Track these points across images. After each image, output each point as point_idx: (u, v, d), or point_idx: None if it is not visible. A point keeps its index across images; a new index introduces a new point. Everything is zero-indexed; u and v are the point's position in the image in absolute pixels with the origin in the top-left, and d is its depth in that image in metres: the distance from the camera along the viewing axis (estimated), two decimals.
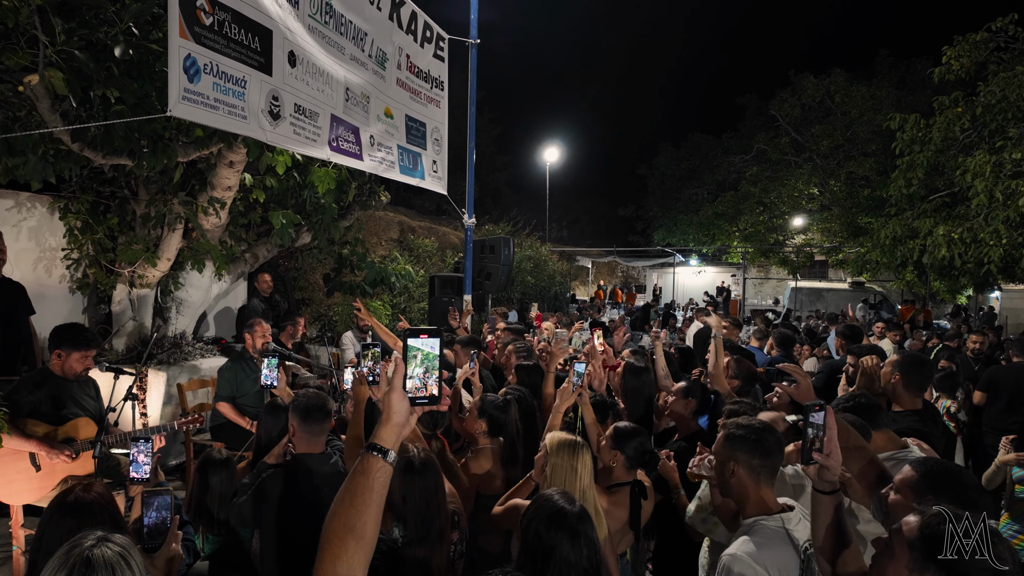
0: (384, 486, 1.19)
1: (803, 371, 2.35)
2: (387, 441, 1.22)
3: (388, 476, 1.21)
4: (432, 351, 1.31)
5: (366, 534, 1.15)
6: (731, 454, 1.99)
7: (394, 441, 1.24)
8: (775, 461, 1.98)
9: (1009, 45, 10.39)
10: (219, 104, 3.46)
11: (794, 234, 23.75)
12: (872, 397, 2.72)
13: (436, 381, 1.31)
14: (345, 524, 1.15)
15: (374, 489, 1.17)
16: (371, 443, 1.22)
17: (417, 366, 1.30)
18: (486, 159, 28.53)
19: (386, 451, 1.21)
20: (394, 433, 1.24)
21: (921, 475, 1.70)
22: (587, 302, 19.52)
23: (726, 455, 2.01)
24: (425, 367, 1.31)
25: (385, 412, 1.26)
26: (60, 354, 3.41)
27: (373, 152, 5.24)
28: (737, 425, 2.03)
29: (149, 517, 1.78)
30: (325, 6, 4.46)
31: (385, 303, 9.06)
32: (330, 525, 1.16)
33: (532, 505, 1.86)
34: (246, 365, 4.62)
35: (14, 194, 5.27)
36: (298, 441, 2.64)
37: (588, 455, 2.32)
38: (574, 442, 2.31)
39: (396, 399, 1.26)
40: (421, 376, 1.30)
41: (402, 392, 1.27)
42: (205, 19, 3.30)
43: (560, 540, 1.72)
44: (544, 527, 1.75)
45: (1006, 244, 9.31)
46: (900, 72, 22.51)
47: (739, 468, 1.97)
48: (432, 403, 1.31)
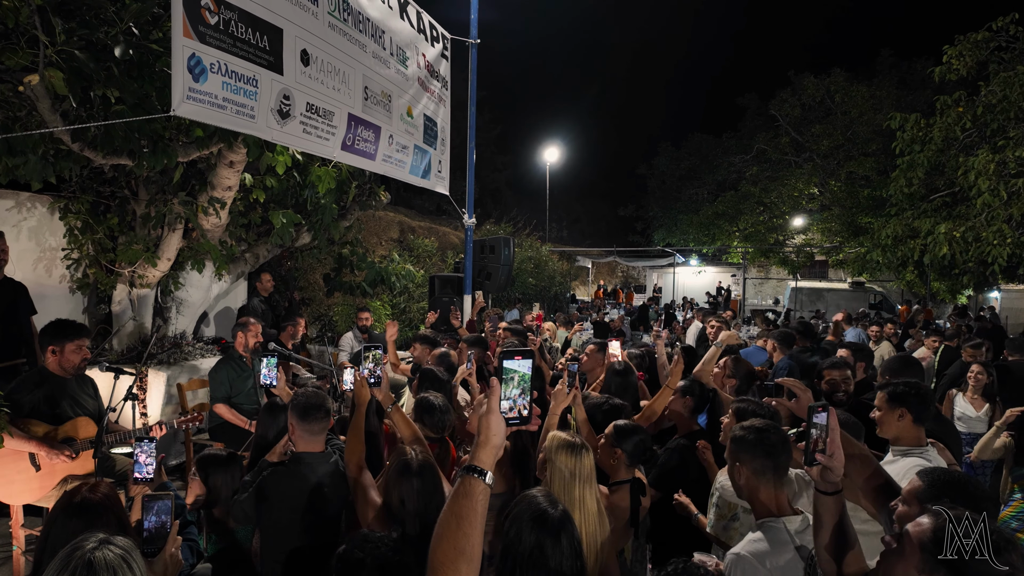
0: (485, 507, 1.21)
1: (803, 385, 2.34)
2: (486, 463, 1.23)
3: (488, 497, 1.22)
4: (526, 372, 1.34)
5: (475, 556, 1.17)
6: (736, 456, 2.03)
7: (492, 463, 1.25)
8: (779, 460, 1.98)
9: (1010, 45, 10.38)
10: (227, 103, 3.44)
11: (794, 234, 23.74)
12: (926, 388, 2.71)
13: (527, 402, 1.34)
14: (455, 547, 1.16)
15: (477, 511, 1.19)
16: (471, 465, 1.23)
17: (513, 388, 1.32)
18: (486, 159, 28.55)
19: (485, 473, 1.22)
20: (492, 455, 1.25)
21: (928, 485, 1.69)
22: (587, 302, 19.54)
23: (734, 458, 2.05)
24: (520, 388, 1.33)
25: (483, 434, 1.26)
26: (54, 349, 3.41)
27: (389, 152, 5.22)
28: (741, 427, 2.06)
29: (149, 521, 1.77)
30: (342, 3, 4.43)
31: (385, 303, 9.07)
32: (439, 548, 1.17)
33: (515, 505, 1.83)
34: (236, 364, 4.63)
35: (14, 194, 5.26)
36: (297, 440, 2.63)
37: (589, 455, 2.31)
38: (574, 443, 2.31)
39: (495, 421, 1.27)
40: (515, 398, 1.32)
41: (499, 415, 1.28)
42: (210, 18, 3.29)
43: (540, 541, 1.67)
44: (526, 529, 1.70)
45: (1010, 243, 9.31)
46: (900, 72, 22.51)
47: (744, 469, 2.00)
48: (523, 424, 1.34)
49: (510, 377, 1.32)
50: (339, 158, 4.69)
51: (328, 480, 2.58)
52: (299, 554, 2.49)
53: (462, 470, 1.23)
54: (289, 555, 2.48)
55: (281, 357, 3.66)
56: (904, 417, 2.53)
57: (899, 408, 2.54)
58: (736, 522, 2.50)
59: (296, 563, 2.48)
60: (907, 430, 2.53)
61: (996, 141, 9.90)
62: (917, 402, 2.55)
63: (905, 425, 2.53)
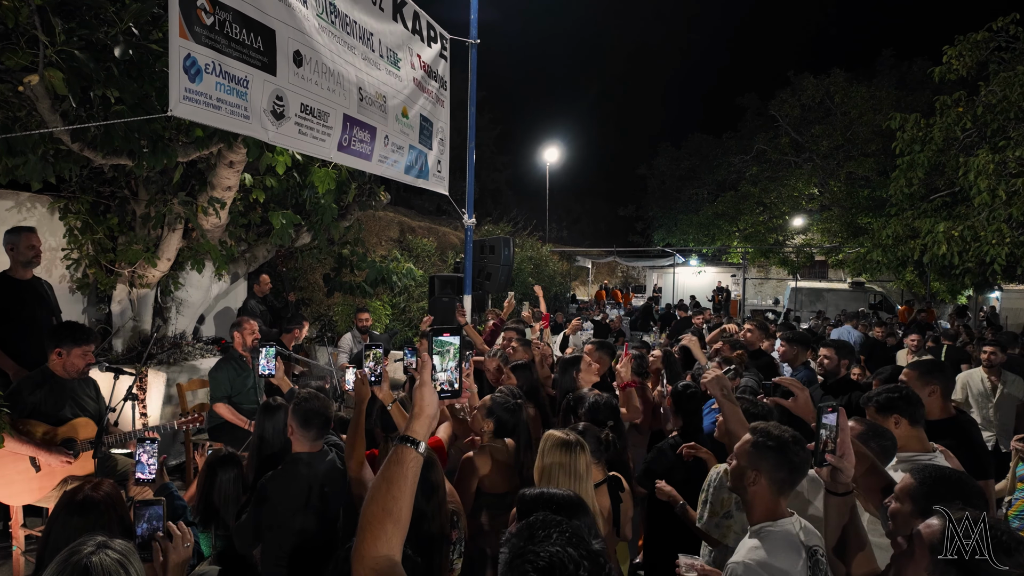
0: (416, 474, 1.29)
1: (800, 384, 2.33)
2: (419, 433, 1.31)
3: (420, 465, 1.30)
4: (455, 346, 1.42)
5: (401, 518, 1.25)
6: (757, 463, 1.92)
7: (425, 432, 1.32)
8: (798, 477, 1.92)
9: (1010, 45, 10.38)
10: (222, 104, 3.45)
11: (794, 234, 23.74)
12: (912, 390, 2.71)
13: (458, 375, 1.43)
14: (383, 508, 1.24)
15: (407, 477, 1.27)
16: (404, 435, 1.30)
17: (447, 361, 1.41)
18: (486, 159, 28.54)
19: (418, 442, 1.30)
20: (425, 425, 1.33)
21: (920, 483, 1.68)
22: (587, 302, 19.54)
23: (751, 463, 1.93)
24: (452, 363, 1.42)
25: (417, 405, 1.34)
26: (61, 352, 3.41)
27: (385, 153, 5.22)
28: (768, 434, 1.93)
29: (141, 528, 1.75)
30: (329, 5, 4.44)
31: (385, 303, 9.06)
32: (368, 509, 1.25)
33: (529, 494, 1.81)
34: (236, 364, 4.63)
35: (14, 194, 5.26)
36: (296, 441, 2.65)
37: (584, 453, 2.30)
38: (568, 440, 2.30)
39: (427, 393, 1.35)
40: (451, 370, 1.42)
41: (432, 387, 1.36)
42: (206, 19, 3.29)
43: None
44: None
45: (1009, 243, 9.30)
46: (900, 72, 22.51)
47: (762, 478, 1.90)
48: (454, 396, 1.43)
49: (444, 351, 1.42)
50: (336, 159, 4.69)
51: (327, 479, 2.59)
52: (300, 553, 2.49)
53: (396, 439, 1.31)
54: (290, 554, 2.48)
55: (280, 356, 3.66)
56: (900, 423, 2.53)
57: (891, 416, 2.54)
58: (730, 519, 2.47)
59: (297, 562, 2.48)
60: (907, 434, 2.52)
61: (996, 141, 9.89)
62: (905, 404, 2.56)
63: (903, 431, 2.52)
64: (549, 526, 1.21)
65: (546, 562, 1.10)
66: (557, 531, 1.19)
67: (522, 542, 1.17)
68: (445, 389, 1.40)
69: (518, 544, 1.17)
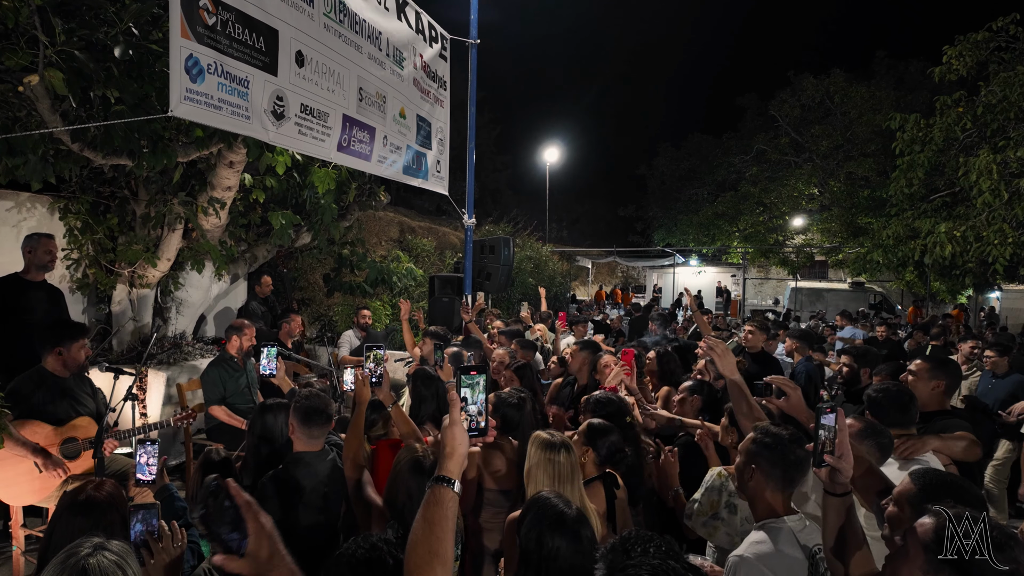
0: (455, 512, 1.30)
1: (792, 383, 2.33)
2: (453, 472, 1.32)
3: (456, 503, 1.31)
4: (480, 387, 1.43)
5: (448, 559, 1.26)
6: (754, 459, 1.98)
7: (458, 472, 1.33)
8: (795, 475, 1.96)
9: (1010, 45, 10.38)
10: (223, 104, 3.44)
11: (794, 234, 23.75)
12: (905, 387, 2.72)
13: (484, 415, 1.44)
14: (429, 551, 1.24)
15: (448, 517, 1.27)
16: (440, 475, 1.31)
17: (471, 403, 1.42)
18: (486, 159, 28.53)
19: (453, 482, 1.31)
20: (458, 464, 1.33)
21: (920, 488, 1.69)
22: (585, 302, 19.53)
23: (750, 459, 2.00)
24: (476, 402, 1.43)
25: (448, 446, 1.34)
26: (61, 351, 3.42)
27: (384, 153, 5.23)
28: (767, 432, 2.00)
29: (135, 530, 1.74)
30: (338, 4, 4.44)
31: (385, 303, 9.06)
32: (415, 553, 1.25)
33: (528, 510, 1.83)
34: (227, 365, 4.64)
35: (14, 194, 5.26)
36: (297, 440, 2.64)
37: (570, 453, 2.29)
38: (552, 440, 2.30)
39: (458, 432, 1.36)
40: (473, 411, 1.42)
41: (462, 426, 1.36)
42: (208, 19, 3.29)
43: (561, 544, 1.70)
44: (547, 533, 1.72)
45: (1011, 243, 9.31)
46: (898, 72, 22.52)
47: (758, 473, 1.96)
48: (481, 435, 1.44)
49: (473, 384, 1.43)
50: (335, 159, 4.69)
51: (327, 478, 2.59)
52: (301, 553, 2.49)
53: (432, 480, 1.31)
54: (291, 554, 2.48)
55: (280, 356, 3.66)
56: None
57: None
58: (718, 520, 2.47)
59: (297, 561, 2.47)
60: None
61: (996, 141, 9.90)
62: (896, 409, 2.57)
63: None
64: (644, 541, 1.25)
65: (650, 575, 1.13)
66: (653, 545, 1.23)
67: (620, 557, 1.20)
68: (472, 427, 1.41)
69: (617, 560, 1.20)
